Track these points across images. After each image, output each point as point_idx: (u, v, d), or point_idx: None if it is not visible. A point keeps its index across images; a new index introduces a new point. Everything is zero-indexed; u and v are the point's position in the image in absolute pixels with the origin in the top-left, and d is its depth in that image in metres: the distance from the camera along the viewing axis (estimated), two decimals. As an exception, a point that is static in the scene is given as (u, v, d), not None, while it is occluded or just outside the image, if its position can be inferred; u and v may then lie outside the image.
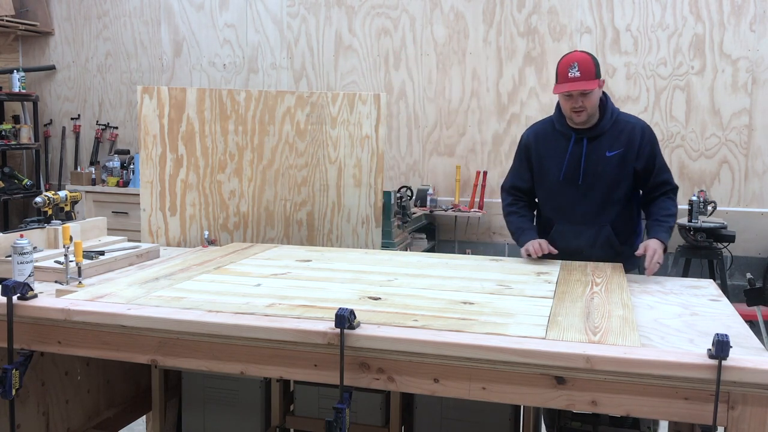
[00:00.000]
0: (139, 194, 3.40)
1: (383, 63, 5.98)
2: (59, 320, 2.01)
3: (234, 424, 2.91)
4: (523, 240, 2.83)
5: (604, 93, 2.81)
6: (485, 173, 5.71)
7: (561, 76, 2.71)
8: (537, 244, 2.76)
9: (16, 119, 6.84)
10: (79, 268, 2.30)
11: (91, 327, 2.00)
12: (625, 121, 2.82)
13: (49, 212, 2.86)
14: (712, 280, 2.60)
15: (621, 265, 2.68)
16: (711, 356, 1.60)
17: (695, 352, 1.69)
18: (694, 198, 4.91)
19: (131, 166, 6.26)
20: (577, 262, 2.76)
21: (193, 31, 6.45)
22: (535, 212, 3.05)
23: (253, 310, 1.99)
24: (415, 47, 5.89)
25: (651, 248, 2.63)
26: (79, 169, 6.60)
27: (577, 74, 2.66)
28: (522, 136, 3.03)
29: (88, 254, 2.55)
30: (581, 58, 2.70)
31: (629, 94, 5.45)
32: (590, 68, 2.68)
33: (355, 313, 1.80)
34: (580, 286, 2.36)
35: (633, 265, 2.83)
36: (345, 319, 1.75)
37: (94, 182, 6.31)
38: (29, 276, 2.23)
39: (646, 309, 2.17)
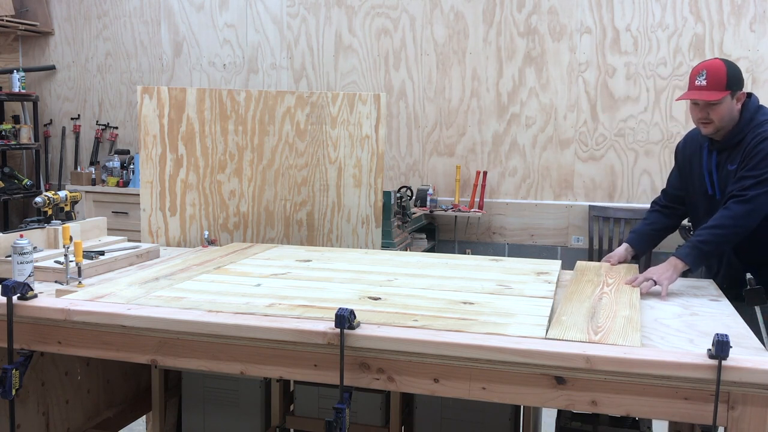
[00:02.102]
0: (139, 194, 3.40)
1: (383, 63, 5.98)
2: (59, 320, 2.01)
3: (234, 424, 2.91)
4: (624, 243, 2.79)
5: (759, 106, 2.60)
6: (485, 173, 5.71)
7: (689, 83, 2.58)
8: (612, 255, 2.73)
9: (16, 119, 6.84)
10: (79, 268, 2.30)
11: (91, 327, 2.00)
12: (754, 132, 2.54)
13: (49, 212, 2.86)
14: (712, 280, 2.60)
15: (636, 266, 2.65)
16: (711, 356, 1.60)
17: (695, 352, 1.69)
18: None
19: (131, 166, 6.26)
20: (592, 263, 2.77)
21: (193, 31, 6.45)
22: (672, 219, 2.87)
23: (253, 310, 1.99)
24: (415, 47, 5.89)
25: (650, 270, 2.41)
26: (79, 169, 6.60)
27: (704, 83, 2.50)
28: None
29: (88, 254, 2.55)
30: (712, 66, 2.53)
31: (629, 94, 5.45)
32: (720, 78, 2.49)
33: (355, 313, 1.80)
34: (591, 287, 2.36)
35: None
36: (345, 319, 1.75)
37: (94, 182, 6.31)
38: (29, 276, 2.23)
39: (646, 309, 2.17)
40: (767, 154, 2.44)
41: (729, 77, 2.50)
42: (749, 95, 2.61)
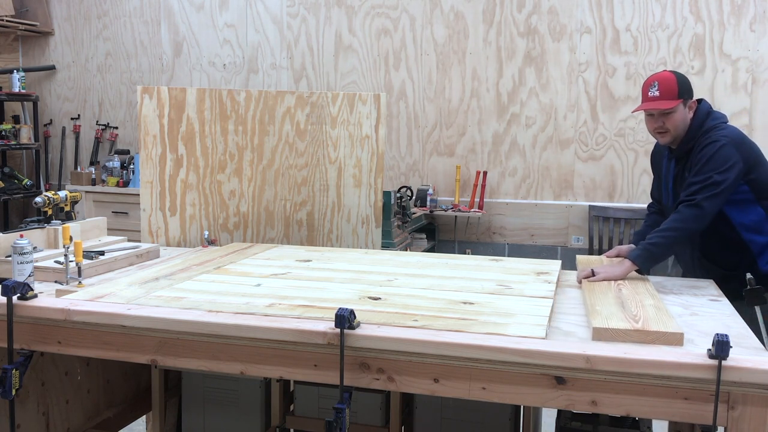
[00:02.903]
0: (139, 194, 3.40)
1: (383, 63, 5.98)
2: (59, 320, 2.01)
3: (234, 424, 2.91)
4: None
5: (708, 112, 2.66)
6: (485, 173, 5.71)
7: (642, 95, 2.66)
8: (618, 249, 2.79)
9: (16, 119, 6.84)
10: (79, 268, 2.30)
11: (91, 327, 2.00)
12: (701, 138, 2.60)
13: (49, 212, 2.86)
14: (712, 280, 2.60)
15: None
16: (711, 356, 1.60)
17: (695, 352, 1.69)
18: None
19: (131, 166, 6.26)
20: (593, 256, 2.80)
21: (193, 31, 6.45)
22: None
23: (253, 310, 1.99)
24: (415, 47, 5.89)
25: (602, 268, 2.46)
26: (79, 169, 6.60)
27: (657, 93, 2.58)
28: None
29: (88, 254, 2.55)
30: (663, 77, 2.61)
31: (629, 94, 5.45)
32: (671, 87, 2.57)
33: (355, 313, 1.80)
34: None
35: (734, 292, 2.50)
36: (345, 319, 1.75)
37: (94, 182, 6.31)
38: (29, 276, 2.23)
39: (646, 309, 2.17)
40: (710, 158, 2.51)
41: (680, 86, 2.58)
42: (700, 101, 2.67)
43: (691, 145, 2.63)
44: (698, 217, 2.47)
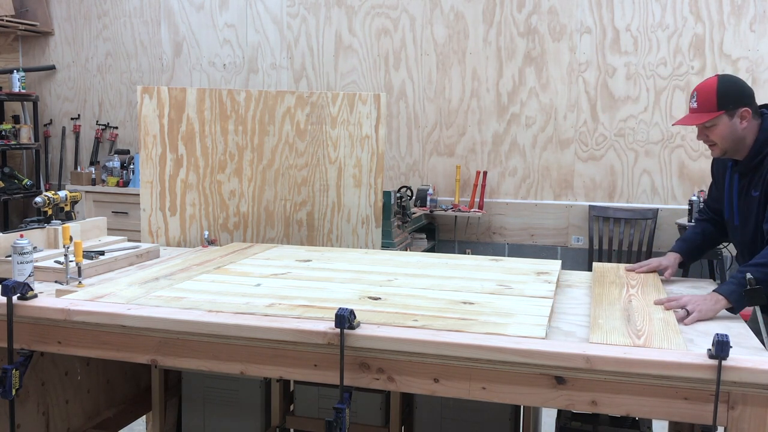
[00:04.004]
0: (139, 194, 3.40)
1: (383, 63, 5.98)
2: (59, 320, 2.01)
3: (234, 424, 2.91)
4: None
5: None
6: (485, 173, 5.71)
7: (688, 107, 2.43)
8: (657, 264, 2.56)
9: (16, 119, 6.84)
10: (79, 268, 2.30)
11: (91, 327, 2.00)
12: None
13: (49, 212, 2.86)
14: (712, 280, 2.60)
15: (657, 275, 2.55)
16: (711, 356, 1.60)
17: (695, 352, 1.69)
18: (694, 198, 4.92)
19: (131, 166, 6.26)
20: (609, 264, 2.71)
21: (193, 31, 6.45)
22: (720, 228, 2.65)
23: (253, 310, 1.99)
24: (415, 47, 5.89)
25: (684, 296, 2.14)
26: (79, 169, 6.60)
27: (695, 105, 2.36)
28: None
29: (88, 254, 2.54)
30: (703, 87, 2.37)
31: (629, 94, 5.45)
32: (710, 98, 2.32)
33: (355, 313, 1.80)
34: (616, 289, 2.32)
35: None
36: (345, 319, 1.75)
37: (94, 182, 6.31)
38: (29, 276, 2.23)
39: (646, 309, 2.16)
40: None
41: (720, 95, 2.32)
42: (764, 110, 2.41)
43: (758, 160, 2.35)
44: None
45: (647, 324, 1.91)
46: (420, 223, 5.57)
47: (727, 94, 2.32)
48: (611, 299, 2.19)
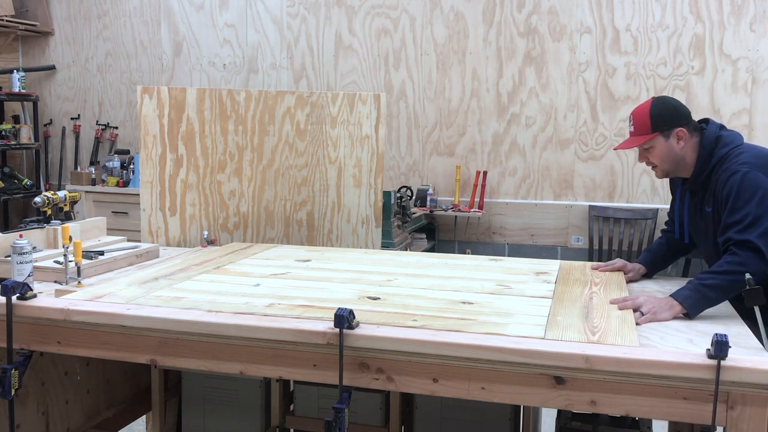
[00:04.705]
0: (139, 194, 3.40)
1: (383, 63, 5.98)
2: (59, 320, 2.01)
3: (234, 424, 2.91)
4: None
5: (717, 137, 2.35)
6: (485, 173, 5.71)
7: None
8: (609, 263, 2.62)
9: (16, 119, 6.84)
10: (79, 268, 2.30)
11: (90, 327, 2.00)
12: (719, 170, 2.32)
13: (49, 212, 2.86)
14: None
15: (622, 275, 2.58)
16: (710, 356, 1.60)
17: (694, 352, 1.69)
18: (694, 198, 4.92)
19: (131, 166, 6.26)
20: (576, 262, 2.75)
21: (193, 31, 6.45)
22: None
23: (253, 310, 1.99)
24: (415, 47, 5.89)
25: (640, 297, 2.14)
26: (79, 169, 6.60)
27: (632, 128, 2.40)
28: None
29: (88, 254, 2.54)
30: (637, 112, 2.40)
31: (629, 94, 5.45)
32: (644, 121, 2.35)
33: (355, 313, 1.80)
34: (579, 286, 2.36)
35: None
36: (344, 319, 1.75)
37: (94, 182, 6.31)
38: (29, 276, 2.23)
39: (645, 309, 2.16)
40: (737, 192, 2.21)
41: (654, 118, 2.34)
42: (703, 125, 2.41)
43: (704, 177, 2.36)
44: (759, 258, 2.13)
45: (604, 321, 1.93)
46: (420, 223, 5.57)
47: (660, 116, 2.35)
48: (573, 297, 2.21)
